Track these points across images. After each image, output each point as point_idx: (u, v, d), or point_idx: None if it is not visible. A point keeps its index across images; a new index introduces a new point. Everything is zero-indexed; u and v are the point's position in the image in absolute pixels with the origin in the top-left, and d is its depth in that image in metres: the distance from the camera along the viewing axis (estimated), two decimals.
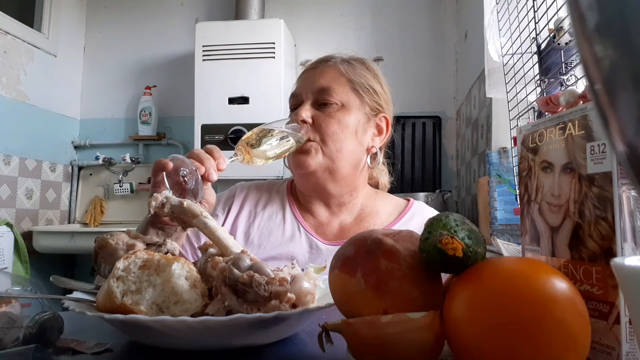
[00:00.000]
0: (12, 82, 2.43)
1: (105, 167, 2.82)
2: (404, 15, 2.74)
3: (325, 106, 0.87)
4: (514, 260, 0.38)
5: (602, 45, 0.15)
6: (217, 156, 0.74)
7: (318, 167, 0.87)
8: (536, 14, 0.88)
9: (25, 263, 2.16)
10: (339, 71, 0.90)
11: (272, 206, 0.96)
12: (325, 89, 0.88)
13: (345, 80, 0.89)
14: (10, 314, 0.44)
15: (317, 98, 0.88)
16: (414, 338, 0.34)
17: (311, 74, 0.92)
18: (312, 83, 0.90)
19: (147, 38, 2.92)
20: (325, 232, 0.92)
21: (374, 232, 0.41)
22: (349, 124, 0.88)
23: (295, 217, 0.94)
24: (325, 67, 0.92)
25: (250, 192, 0.99)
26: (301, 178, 0.92)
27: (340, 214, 0.94)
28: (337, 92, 0.88)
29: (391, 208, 0.96)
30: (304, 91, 0.90)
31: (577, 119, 0.39)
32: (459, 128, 2.57)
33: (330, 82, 0.88)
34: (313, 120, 0.87)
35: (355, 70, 0.92)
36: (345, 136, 0.87)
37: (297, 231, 0.91)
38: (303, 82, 0.92)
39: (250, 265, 0.47)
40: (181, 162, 0.70)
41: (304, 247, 0.89)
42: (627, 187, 0.34)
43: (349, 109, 0.88)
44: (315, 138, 0.86)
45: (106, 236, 0.57)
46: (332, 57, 0.94)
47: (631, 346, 0.34)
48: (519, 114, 1.01)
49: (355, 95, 0.90)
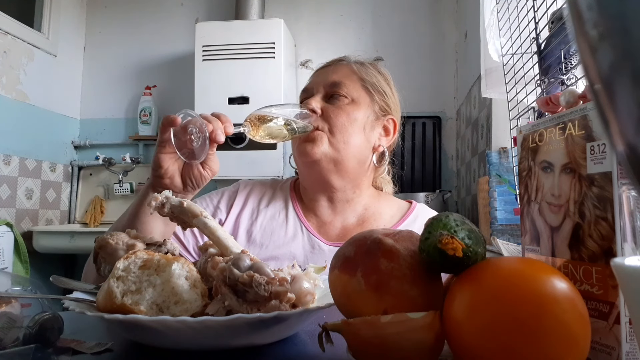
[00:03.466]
0: (12, 82, 2.43)
1: (105, 167, 2.82)
2: (404, 15, 2.74)
3: (335, 99, 0.89)
4: (514, 260, 0.38)
5: (602, 45, 0.15)
6: (225, 120, 0.74)
7: (323, 156, 0.87)
8: (536, 14, 0.88)
9: (25, 263, 2.16)
10: (352, 69, 0.92)
11: (275, 204, 0.96)
12: (336, 83, 0.89)
13: (357, 77, 0.91)
14: (10, 314, 0.44)
15: (327, 91, 0.90)
16: (414, 338, 0.34)
17: (324, 71, 0.94)
18: (324, 78, 0.92)
19: (147, 38, 2.92)
20: (327, 232, 0.92)
21: (374, 232, 0.41)
22: (357, 118, 0.89)
23: (297, 217, 0.94)
24: (338, 65, 0.94)
25: (254, 189, 0.99)
26: (305, 167, 0.91)
27: (344, 212, 0.94)
28: (348, 87, 0.89)
29: (394, 210, 0.96)
30: (316, 85, 0.92)
31: (577, 119, 0.39)
32: (459, 128, 2.57)
33: (342, 77, 0.90)
34: (322, 111, 0.88)
35: (368, 71, 0.93)
36: (353, 130, 0.88)
37: (300, 231, 0.91)
38: (315, 78, 0.94)
39: (250, 265, 0.47)
40: (190, 119, 0.70)
41: (306, 247, 0.89)
42: (627, 187, 0.34)
43: (358, 104, 0.90)
44: (324, 128, 0.87)
45: (106, 236, 0.57)
46: (345, 58, 0.96)
47: (631, 346, 0.34)
48: (519, 114, 1.01)
49: (366, 93, 0.91)
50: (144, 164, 2.81)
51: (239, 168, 2.18)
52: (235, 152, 2.33)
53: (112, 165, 2.82)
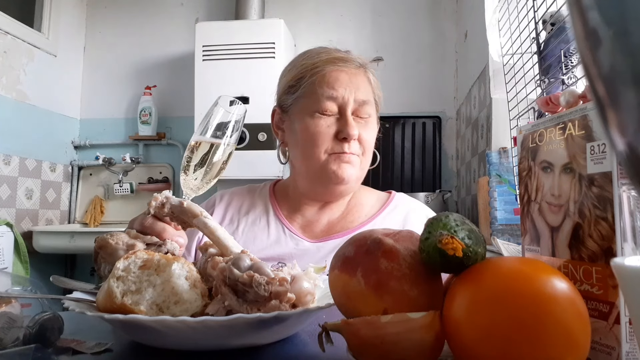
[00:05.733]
0: (12, 82, 2.43)
1: (105, 167, 2.82)
2: (404, 15, 2.74)
3: (362, 118, 0.87)
4: (514, 260, 0.38)
5: (602, 45, 0.15)
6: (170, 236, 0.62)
7: (354, 179, 0.88)
8: (536, 14, 0.88)
9: (25, 263, 2.16)
10: (368, 80, 0.90)
11: (256, 210, 0.96)
12: (365, 102, 0.87)
13: (371, 90, 0.90)
14: (10, 314, 0.44)
15: (356, 109, 0.87)
16: (414, 338, 0.34)
17: (345, 78, 0.87)
18: (350, 90, 0.86)
19: (147, 38, 2.92)
20: (313, 230, 0.92)
21: (374, 232, 0.41)
22: (375, 135, 0.91)
23: (279, 220, 0.93)
24: (358, 74, 0.89)
25: (232, 199, 0.98)
26: (329, 187, 0.89)
27: (331, 210, 0.94)
28: (370, 106, 0.89)
29: (374, 200, 0.98)
30: (346, 99, 0.86)
31: (577, 119, 0.39)
32: (459, 128, 2.57)
33: (366, 94, 0.88)
34: (358, 134, 0.86)
35: (372, 74, 0.92)
36: (373, 146, 0.90)
37: (282, 233, 0.91)
38: (342, 87, 0.86)
39: (250, 265, 0.47)
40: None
41: (290, 248, 0.89)
42: (627, 187, 0.34)
43: (374, 119, 0.91)
44: (359, 152, 0.87)
45: (106, 236, 0.57)
46: (353, 59, 0.90)
47: (631, 346, 0.34)
48: (519, 114, 1.01)
49: (376, 106, 0.92)
50: (144, 164, 2.81)
51: (239, 168, 2.18)
52: (235, 152, 2.32)
53: (112, 165, 2.82)
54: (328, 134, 0.85)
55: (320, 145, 0.85)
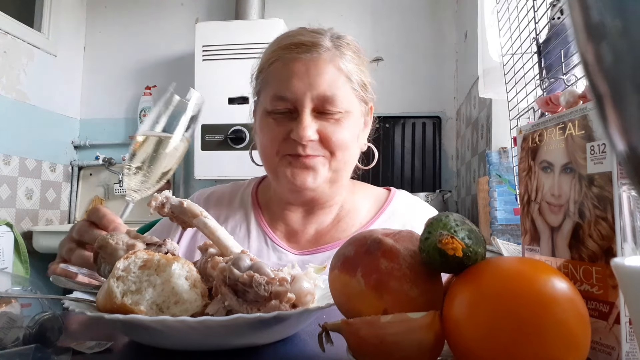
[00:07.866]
0: (12, 82, 2.43)
1: (105, 167, 2.82)
2: (404, 15, 2.74)
3: (329, 114, 0.76)
4: (514, 260, 0.38)
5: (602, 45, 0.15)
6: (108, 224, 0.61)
7: (322, 183, 0.78)
8: (536, 14, 0.88)
9: (25, 263, 2.16)
10: (337, 67, 0.76)
11: (235, 217, 0.87)
12: (328, 98, 0.74)
13: (344, 79, 0.77)
14: (10, 314, 0.44)
15: (317, 105, 0.75)
16: (414, 338, 0.34)
17: (303, 70, 0.75)
18: (308, 85, 0.74)
19: (147, 38, 2.92)
20: (299, 241, 0.84)
21: (374, 232, 0.41)
22: (353, 131, 0.79)
23: (261, 229, 0.85)
24: (319, 62, 0.75)
25: (209, 207, 0.88)
26: (293, 194, 0.80)
27: (319, 218, 0.85)
28: (341, 99, 0.76)
29: (371, 202, 0.88)
30: (301, 97, 0.74)
31: (577, 119, 0.39)
32: (459, 128, 2.57)
33: (333, 87, 0.75)
34: (319, 134, 0.75)
35: (347, 59, 0.78)
36: (352, 144, 0.79)
37: (264, 244, 0.83)
38: (295, 82, 0.74)
39: (250, 265, 0.47)
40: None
41: (272, 262, 0.80)
42: (627, 187, 0.34)
43: (351, 113, 0.78)
44: (325, 153, 0.76)
45: (106, 236, 0.57)
46: (320, 43, 0.76)
47: (631, 346, 0.34)
48: (519, 114, 1.01)
49: (355, 97, 0.79)
50: None
51: (239, 168, 2.18)
52: (235, 152, 2.33)
53: (112, 165, 2.82)
54: (280, 134, 0.75)
55: (271, 146, 0.77)
